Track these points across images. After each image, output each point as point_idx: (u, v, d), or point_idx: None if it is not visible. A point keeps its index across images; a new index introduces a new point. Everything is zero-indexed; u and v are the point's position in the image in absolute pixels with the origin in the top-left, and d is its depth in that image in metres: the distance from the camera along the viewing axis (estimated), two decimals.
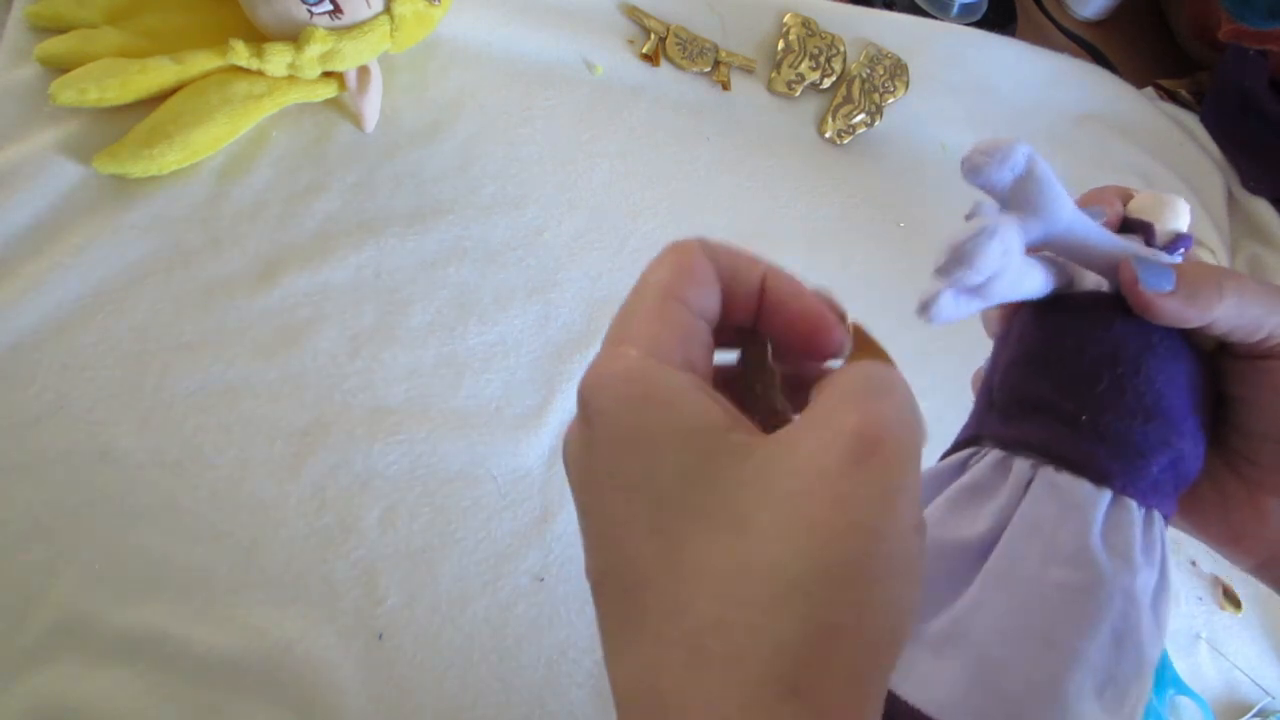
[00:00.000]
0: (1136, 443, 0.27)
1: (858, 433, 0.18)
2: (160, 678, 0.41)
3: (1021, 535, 0.26)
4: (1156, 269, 0.27)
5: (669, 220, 0.59)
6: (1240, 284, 0.26)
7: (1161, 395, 0.27)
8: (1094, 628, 0.25)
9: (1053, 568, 0.25)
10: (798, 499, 0.18)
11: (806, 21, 0.69)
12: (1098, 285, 0.29)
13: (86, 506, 0.43)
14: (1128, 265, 0.27)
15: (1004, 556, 0.26)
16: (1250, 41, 0.72)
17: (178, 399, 0.46)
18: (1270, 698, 0.58)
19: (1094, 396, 0.27)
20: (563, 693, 0.46)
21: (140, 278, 0.48)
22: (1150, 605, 0.26)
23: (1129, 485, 0.27)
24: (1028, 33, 0.82)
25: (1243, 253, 0.76)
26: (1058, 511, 0.26)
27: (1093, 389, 0.27)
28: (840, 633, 0.17)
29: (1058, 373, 0.28)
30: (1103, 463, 0.26)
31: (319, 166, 0.54)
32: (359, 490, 0.47)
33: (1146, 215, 0.30)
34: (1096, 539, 0.26)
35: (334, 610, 0.44)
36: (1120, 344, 0.27)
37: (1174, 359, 0.27)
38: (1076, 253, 0.28)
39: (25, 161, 0.48)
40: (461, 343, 0.52)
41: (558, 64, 0.62)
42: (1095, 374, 0.27)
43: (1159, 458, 0.27)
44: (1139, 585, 0.26)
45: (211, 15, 0.53)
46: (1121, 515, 0.26)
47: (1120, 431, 0.27)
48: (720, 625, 0.17)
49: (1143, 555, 0.26)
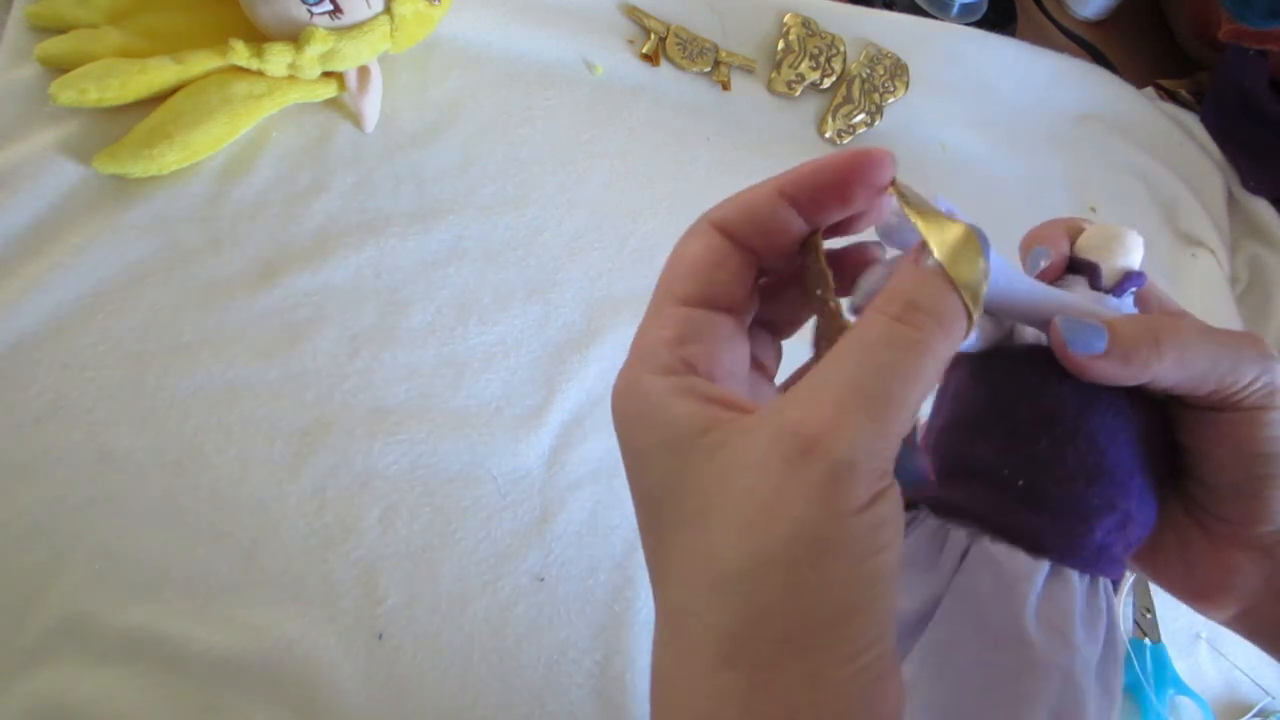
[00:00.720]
0: (1078, 507, 0.25)
1: (794, 432, 0.19)
2: (160, 678, 0.41)
3: (957, 613, 0.25)
4: (1087, 329, 0.25)
5: (669, 220, 0.59)
6: (1180, 338, 0.24)
7: (1104, 454, 0.25)
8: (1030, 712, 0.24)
9: (987, 651, 0.24)
10: (741, 495, 0.20)
11: (806, 21, 0.69)
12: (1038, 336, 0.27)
13: (86, 506, 0.43)
14: (1055, 329, 0.25)
15: (939, 635, 0.25)
16: (1250, 41, 0.72)
17: (178, 399, 0.46)
18: (1270, 698, 0.58)
19: (1032, 459, 0.25)
20: (563, 693, 0.46)
21: (140, 278, 0.48)
22: (1096, 680, 0.25)
23: (1068, 555, 0.25)
24: (1028, 33, 0.82)
25: (1243, 253, 0.76)
26: (993, 587, 0.25)
27: (1030, 450, 0.25)
28: (770, 616, 0.19)
29: (995, 435, 0.26)
30: (1041, 532, 0.25)
31: (319, 166, 0.54)
32: (359, 490, 0.47)
33: (1094, 254, 0.28)
34: (1030, 617, 0.24)
35: (334, 610, 0.44)
36: (1059, 403, 0.26)
37: (1118, 414, 0.26)
38: (1008, 311, 0.26)
39: (25, 161, 0.48)
40: (461, 343, 0.52)
41: (558, 64, 0.62)
42: (1033, 434, 0.25)
43: (1104, 520, 0.25)
44: (1078, 664, 0.24)
45: (211, 15, 0.53)
46: (1060, 588, 0.25)
47: (1060, 496, 0.25)
48: (682, 611, 0.21)
49: (1084, 630, 0.25)
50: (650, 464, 0.22)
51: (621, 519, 0.50)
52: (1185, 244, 0.74)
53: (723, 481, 0.20)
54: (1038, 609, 0.25)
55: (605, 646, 0.47)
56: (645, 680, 0.47)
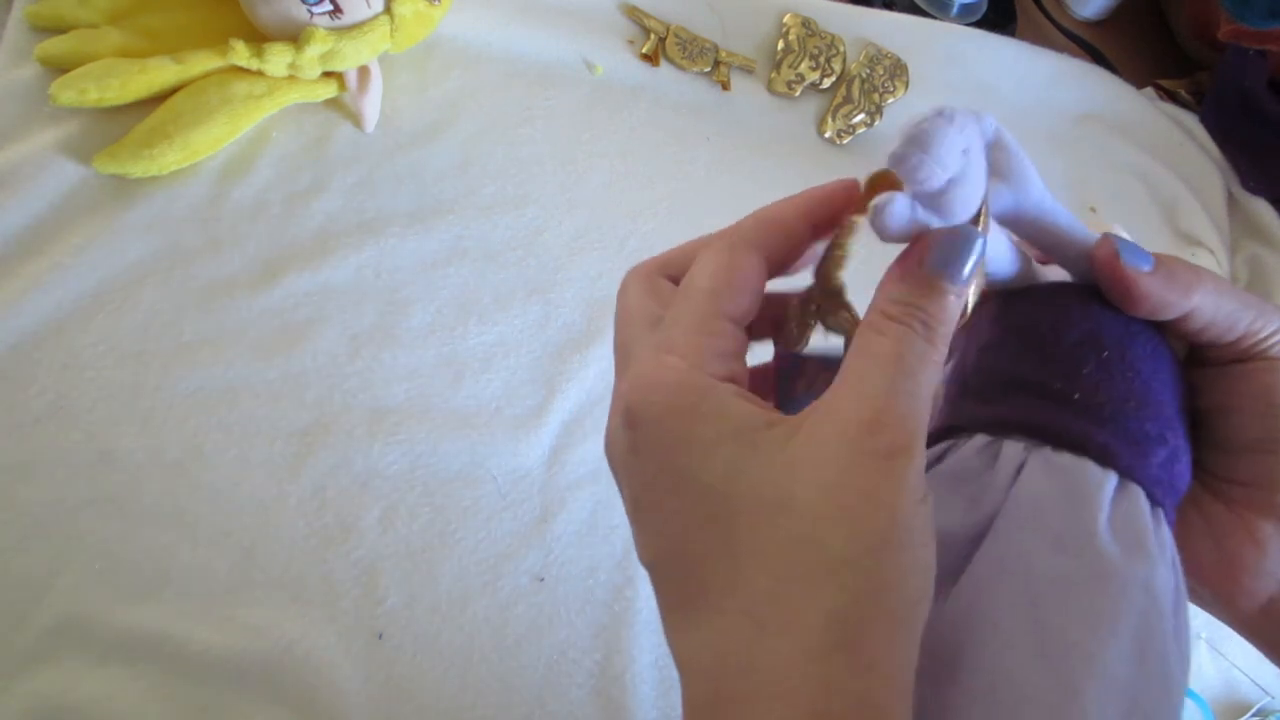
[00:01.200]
0: (1133, 428, 0.24)
1: (868, 425, 0.20)
2: (160, 678, 0.41)
3: (1021, 523, 0.23)
4: (1135, 248, 0.25)
5: (669, 220, 0.59)
6: (1214, 277, 0.25)
7: (1150, 385, 0.25)
8: (1112, 630, 0.22)
9: (1059, 558, 0.22)
10: (829, 487, 0.20)
11: (806, 21, 0.69)
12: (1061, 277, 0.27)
13: (86, 506, 0.43)
14: (1108, 240, 0.25)
15: (999, 549, 0.23)
16: (1250, 41, 0.72)
17: (178, 399, 0.46)
18: (1270, 697, 0.58)
19: (1082, 377, 0.24)
20: (563, 693, 0.46)
21: (140, 278, 0.48)
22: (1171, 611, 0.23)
23: (1135, 469, 0.24)
24: (1028, 33, 0.82)
25: (1243, 253, 0.76)
26: (1059, 495, 0.23)
27: (1079, 370, 0.25)
28: (878, 596, 0.20)
29: (1041, 352, 0.25)
30: (1105, 441, 0.24)
31: (319, 166, 0.54)
32: (359, 490, 0.47)
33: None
34: (1104, 526, 0.23)
35: (334, 610, 0.44)
36: (1100, 327, 0.25)
37: (1157, 349, 0.25)
38: (1045, 234, 0.25)
39: (25, 161, 0.48)
40: (461, 343, 0.52)
41: (558, 64, 0.62)
42: (1080, 355, 0.25)
43: (1157, 450, 0.24)
44: (1158, 581, 0.22)
45: (211, 15, 0.53)
46: (1130, 503, 0.23)
47: (1116, 415, 0.24)
48: (774, 599, 0.20)
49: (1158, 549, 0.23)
50: (715, 454, 0.21)
51: (621, 519, 0.50)
52: (1185, 244, 0.73)
53: (804, 470, 0.20)
54: (1110, 518, 0.23)
55: (605, 646, 0.47)
56: (645, 680, 0.47)
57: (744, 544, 0.21)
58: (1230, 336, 0.25)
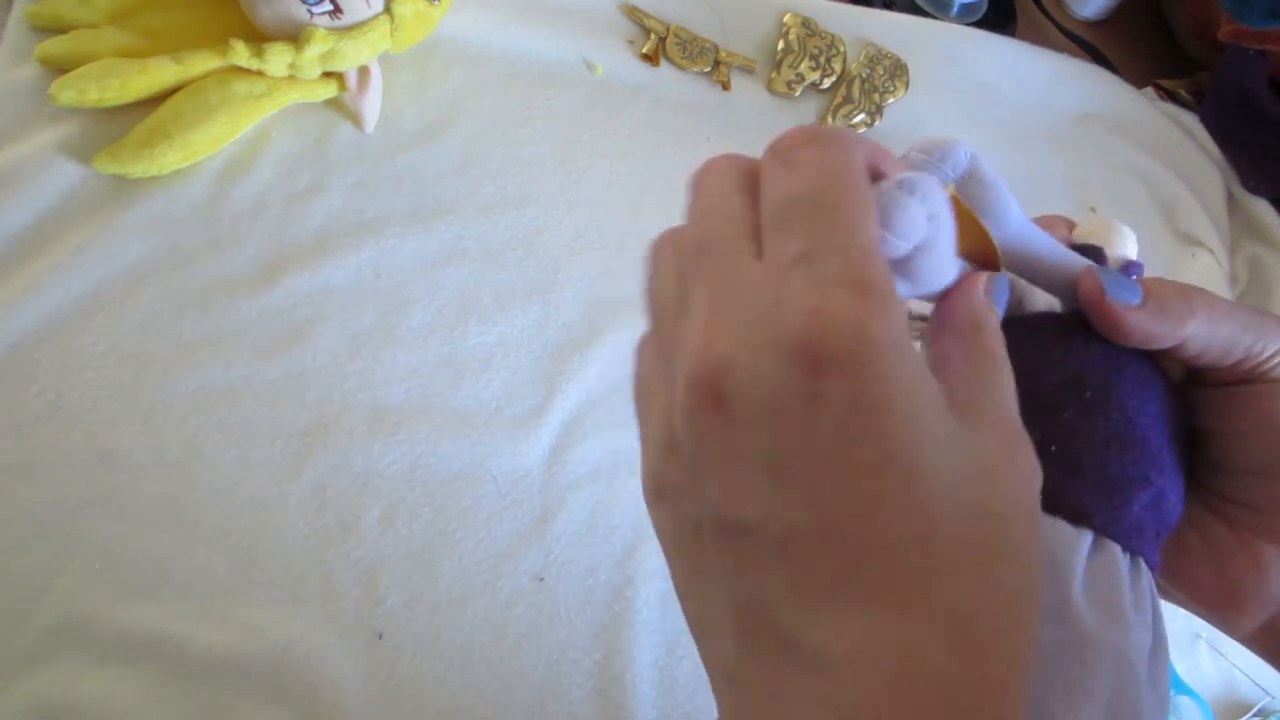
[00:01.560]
0: (1113, 476, 0.23)
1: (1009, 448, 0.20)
2: (160, 678, 0.41)
3: None
4: (1121, 281, 0.24)
5: (669, 220, 0.59)
6: (1209, 300, 0.24)
7: (1135, 423, 0.24)
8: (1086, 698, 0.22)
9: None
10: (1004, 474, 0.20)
11: (806, 21, 0.69)
12: (1050, 307, 0.26)
13: (86, 506, 0.43)
14: (1091, 275, 0.24)
15: None
16: (1250, 41, 0.72)
17: (178, 399, 0.46)
18: (1270, 697, 0.58)
19: (1062, 425, 0.24)
20: (563, 693, 0.46)
21: (140, 278, 0.48)
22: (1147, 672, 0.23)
23: (1110, 525, 0.23)
24: (1028, 33, 0.82)
25: (1243, 253, 0.76)
26: None
27: (1057, 417, 0.24)
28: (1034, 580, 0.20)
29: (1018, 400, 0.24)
30: (1080, 498, 0.23)
31: (319, 166, 0.54)
32: (359, 490, 0.47)
33: (1095, 240, 0.27)
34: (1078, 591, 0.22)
35: (334, 610, 0.44)
36: (1084, 366, 0.24)
37: (1146, 383, 0.25)
38: (1027, 265, 0.25)
39: (25, 161, 0.48)
40: (461, 343, 0.52)
41: (558, 64, 0.62)
42: (1059, 401, 0.24)
43: (1139, 494, 0.24)
44: (1133, 646, 0.22)
45: (212, 15, 0.53)
46: (1105, 561, 0.23)
47: (1094, 463, 0.24)
48: (982, 613, 0.18)
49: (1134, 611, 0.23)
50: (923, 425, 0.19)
51: (621, 519, 0.50)
52: (1185, 244, 0.73)
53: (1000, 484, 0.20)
54: (1084, 583, 0.23)
55: (605, 646, 0.47)
56: (645, 680, 0.47)
57: (943, 541, 0.18)
58: (1229, 360, 0.24)
